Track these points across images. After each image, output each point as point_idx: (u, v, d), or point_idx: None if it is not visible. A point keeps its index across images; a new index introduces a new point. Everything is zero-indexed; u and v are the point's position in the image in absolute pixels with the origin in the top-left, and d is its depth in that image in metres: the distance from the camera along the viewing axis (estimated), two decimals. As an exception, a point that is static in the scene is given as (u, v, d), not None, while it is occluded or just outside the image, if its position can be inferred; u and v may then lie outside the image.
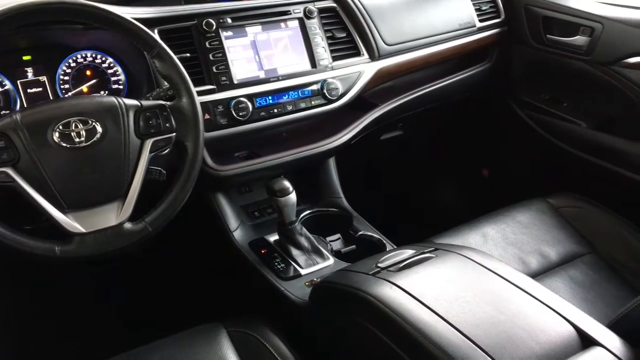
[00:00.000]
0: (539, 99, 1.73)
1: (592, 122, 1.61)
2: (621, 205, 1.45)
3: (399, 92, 1.59)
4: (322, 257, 1.30)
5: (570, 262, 1.36)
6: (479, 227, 1.42)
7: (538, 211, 1.49)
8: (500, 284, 0.99)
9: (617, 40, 1.49)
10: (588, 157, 1.59)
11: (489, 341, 0.86)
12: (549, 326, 0.90)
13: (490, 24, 1.67)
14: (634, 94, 1.50)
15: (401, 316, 0.91)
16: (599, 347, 0.86)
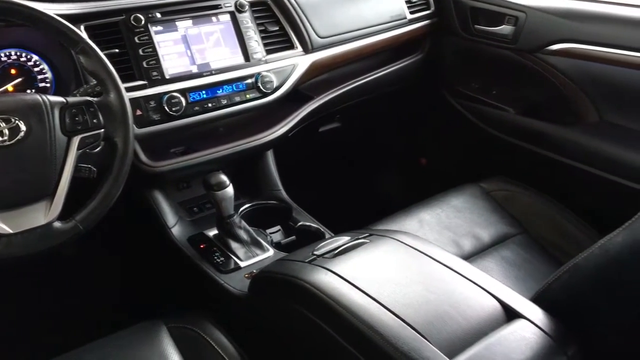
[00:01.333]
0: (470, 88, 1.78)
1: (519, 108, 1.68)
2: (549, 187, 1.52)
3: (335, 84, 1.62)
4: (262, 249, 1.31)
5: (502, 242, 1.41)
6: (415, 213, 1.46)
7: (471, 195, 1.54)
8: (431, 265, 1.03)
9: (540, 28, 1.55)
10: (517, 142, 1.66)
11: (419, 319, 0.89)
12: (476, 302, 0.94)
13: (420, 16, 1.71)
14: (557, 80, 1.57)
15: (335, 300, 0.93)
16: (523, 319, 0.91)
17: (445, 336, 0.87)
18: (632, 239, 0.82)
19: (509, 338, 0.87)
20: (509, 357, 0.84)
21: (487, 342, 0.86)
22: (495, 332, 0.88)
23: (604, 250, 0.86)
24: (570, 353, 0.87)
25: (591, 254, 0.88)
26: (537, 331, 0.88)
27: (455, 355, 0.84)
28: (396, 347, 0.84)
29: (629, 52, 1.38)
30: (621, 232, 0.84)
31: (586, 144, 1.49)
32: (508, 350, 0.84)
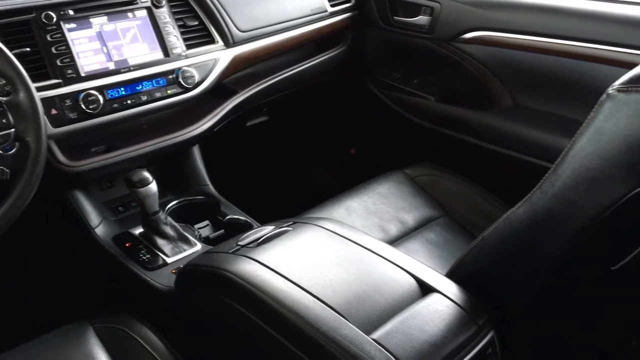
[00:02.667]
0: (392, 78, 1.83)
1: (439, 95, 1.74)
2: (469, 169, 1.58)
3: (260, 77, 1.63)
4: (189, 244, 1.31)
5: (426, 225, 1.46)
6: (343, 201, 1.49)
7: (396, 182, 1.58)
8: (351, 248, 1.06)
9: (454, 18, 1.61)
10: (438, 128, 1.72)
11: (338, 299, 0.92)
12: (393, 280, 0.98)
13: (341, 9, 1.74)
14: (473, 67, 1.63)
15: (258, 287, 0.95)
16: (436, 293, 0.95)
17: (363, 314, 0.90)
18: (531, 210, 0.87)
19: (423, 311, 0.91)
20: (422, 329, 0.87)
21: (403, 316, 0.90)
22: (411, 307, 0.92)
23: (508, 223, 0.91)
24: (480, 322, 0.92)
25: (496, 228, 0.93)
26: (450, 303, 0.93)
27: (372, 331, 0.87)
28: (316, 327, 0.87)
29: (537, 37, 1.46)
30: (522, 205, 0.89)
31: (501, 127, 1.57)
32: (422, 323, 0.88)
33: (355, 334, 0.86)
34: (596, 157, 0.79)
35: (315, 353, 0.87)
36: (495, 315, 0.94)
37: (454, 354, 0.87)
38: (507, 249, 0.92)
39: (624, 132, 0.75)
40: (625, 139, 0.75)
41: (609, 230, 0.83)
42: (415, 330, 0.87)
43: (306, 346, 0.88)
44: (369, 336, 0.86)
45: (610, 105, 0.77)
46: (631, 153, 0.75)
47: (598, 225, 0.80)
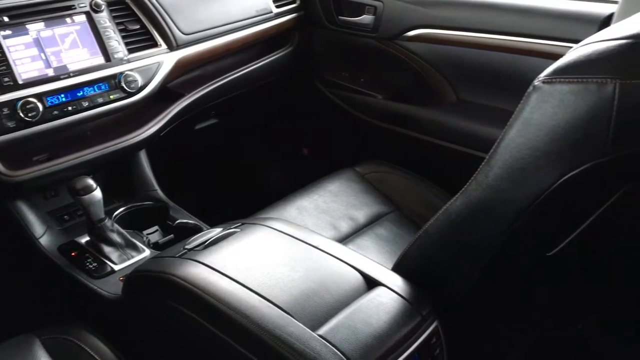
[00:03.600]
0: (340, 77, 1.85)
1: (387, 93, 1.76)
2: (417, 165, 1.61)
3: (206, 80, 1.62)
4: (137, 250, 1.29)
5: (377, 221, 1.48)
6: (294, 201, 1.50)
7: (346, 179, 1.60)
8: (298, 246, 1.07)
9: (397, 16, 1.64)
10: (387, 126, 1.74)
11: (284, 298, 0.93)
12: (339, 276, 0.99)
13: (286, 10, 1.75)
14: (417, 64, 1.66)
15: (204, 290, 0.95)
16: (382, 286, 0.97)
17: (309, 310, 0.91)
18: (468, 201, 0.89)
19: (368, 305, 0.92)
20: (367, 322, 0.89)
21: (348, 311, 0.91)
22: (356, 302, 0.93)
23: (447, 214, 0.93)
24: (424, 313, 0.94)
25: (436, 220, 0.95)
26: (394, 296, 0.95)
27: (318, 327, 0.88)
28: (262, 326, 0.87)
29: (475, 33, 1.50)
30: (459, 197, 0.91)
31: (446, 122, 1.60)
32: (367, 316, 0.90)
33: (301, 331, 0.86)
34: (525, 147, 0.81)
35: (262, 352, 0.87)
36: (439, 306, 0.96)
37: (399, 345, 0.88)
38: (447, 240, 0.94)
39: (550, 122, 0.78)
40: (551, 129, 0.78)
41: (541, 218, 0.86)
42: (361, 324, 0.88)
43: (253, 346, 0.88)
44: (315, 332, 0.87)
45: (536, 97, 0.79)
46: (557, 142, 0.78)
47: (530, 213, 0.83)
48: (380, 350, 0.86)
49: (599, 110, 0.74)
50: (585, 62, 0.75)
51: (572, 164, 0.78)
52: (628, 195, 1.04)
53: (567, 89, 0.75)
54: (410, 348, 0.89)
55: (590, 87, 0.74)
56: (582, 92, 0.74)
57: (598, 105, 0.73)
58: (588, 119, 0.75)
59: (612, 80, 0.72)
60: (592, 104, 0.74)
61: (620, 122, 0.73)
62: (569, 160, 0.78)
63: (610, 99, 0.72)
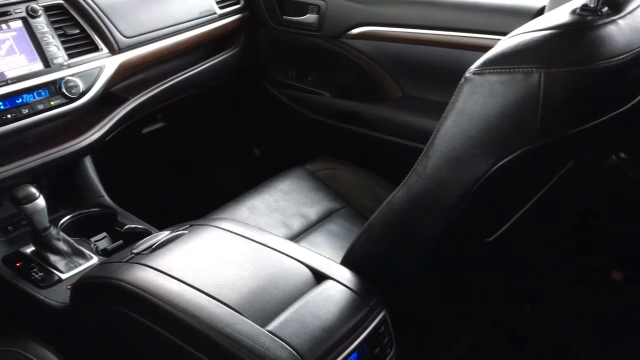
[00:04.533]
0: (287, 76, 1.86)
1: (334, 91, 1.78)
2: (366, 160, 1.64)
3: (152, 83, 1.60)
4: (85, 257, 1.27)
5: (328, 217, 1.49)
6: (245, 201, 1.50)
7: (297, 178, 1.61)
8: (247, 245, 1.07)
9: (340, 15, 1.66)
10: (335, 123, 1.76)
11: (233, 296, 0.93)
12: (288, 272, 1.00)
13: (230, 10, 1.75)
14: (362, 62, 1.69)
15: (151, 293, 0.95)
16: (330, 280, 0.99)
17: (259, 307, 0.92)
18: (409, 192, 0.92)
19: (317, 299, 0.94)
20: (316, 315, 0.90)
21: (297, 305, 0.92)
22: (305, 296, 0.95)
23: (390, 206, 0.95)
24: (372, 303, 0.96)
25: (380, 212, 0.97)
26: (342, 288, 0.96)
27: (268, 323, 0.89)
28: (211, 326, 0.88)
29: (416, 29, 1.53)
30: (401, 188, 0.94)
31: (393, 117, 1.63)
32: (315, 310, 0.91)
33: (250, 328, 0.87)
34: (460, 137, 0.84)
35: (213, 351, 0.87)
36: (386, 296, 0.98)
37: (348, 336, 0.90)
38: (391, 232, 0.96)
39: (481, 111, 0.81)
40: (483, 118, 0.81)
41: (479, 204, 0.88)
42: (310, 318, 0.90)
43: (203, 346, 0.88)
44: (264, 328, 0.88)
45: (468, 88, 0.82)
46: (490, 131, 0.81)
47: (468, 200, 0.86)
48: (329, 342, 0.88)
49: (526, 98, 0.77)
50: (512, 53, 0.78)
51: (504, 151, 0.81)
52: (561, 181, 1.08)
53: (496, 79, 0.78)
54: (359, 338, 0.91)
55: (517, 76, 0.77)
56: (510, 82, 0.77)
57: (525, 93, 0.77)
58: (517, 107, 0.78)
59: (537, 69, 0.75)
60: (519, 92, 0.77)
61: (546, 109, 0.76)
62: (501, 147, 0.81)
63: (536, 88, 0.76)
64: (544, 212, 1.17)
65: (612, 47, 0.78)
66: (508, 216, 0.99)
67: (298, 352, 0.84)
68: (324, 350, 0.86)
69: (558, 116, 0.78)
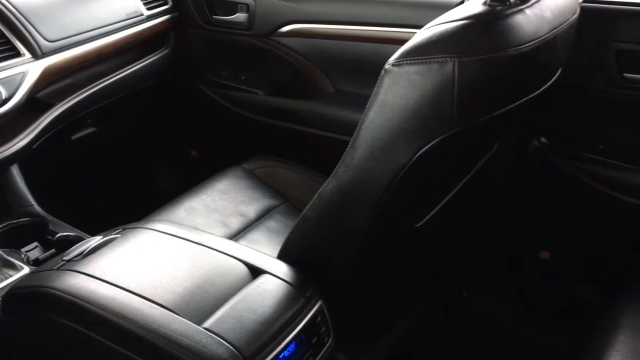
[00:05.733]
0: (221, 76, 1.86)
1: (267, 89, 1.79)
2: (303, 156, 1.65)
3: (80, 88, 1.56)
4: (16, 268, 1.24)
5: (267, 215, 1.50)
6: (182, 202, 1.48)
7: (234, 177, 1.61)
8: (182, 245, 1.07)
9: (269, 13, 1.67)
10: (271, 121, 1.77)
11: (168, 297, 0.93)
12: (224, 269, 1.00)
13: (158, 11, 1.72)
14: (294, 59, 1.70)
15: (84, 299, 0.93)
16: (266, 274, 1.00)
17: (195, 306, 0.92)
18: (338, 183, 0.94)
19: (253, 293, 0.95)
20: (252, 309, 0.91)
21: (234, 301, 0.93)
22: (241, 291, 0.95)
23: (321, 198, 0.97)
24: (308, 294, 0.98)
25: (312, 204, 0.99)
26: (278, 282, 0.98)
27: (204, 321, 0.89)
28: (146, 327, 0.87)
29: (344, 26, 1.56)
30: (331, 180, 0.96)
31: (326, 113, 1.65)
32: (252, 304, 0.92)
33: (186, 327, 0.87)
34: (383, 127, 0.87)
35: (149, 353, 0.87)
36: (322, 286, 1.00)
37: (284, 327, 0.91)
38: (323, 223, 0.98)
39: (402, 101, 0.84)
40: (403, 108, 0.84)
41: (405, 192, 0.91)
42: (246, 312, 0.90)
43: (140, 348, 0.88)
44: (200, 326, 0.88)
45: (388, 79, 0.85)
46: (410, 120, 0.84)
47: (394, 188, 0.88)
48: (266, 335, 0.89)
49: (442, 87, 0.80)
50: (427, 44, 0.81)
51: (425, 139, 0.84)
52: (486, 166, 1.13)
53: (414, 70, 0.81)
54: (296, 329, 0.93)
55: (432, 66, 0.80)
56: (427, 72, 0.80)
57: (441, 82, 0.80)
58: (434, 96, 0.81)
59: (451, 59, 0.79)
60: (436, 82, 0.80)
61: (461, 97, 0.80)
62: (422, 135, 0.84)
63: (451, 76, 0.79)
64: (471, 197, 1.22)
65: (520, 35, 0.82)
66: (435, 202, 1.02)
67: (235, 347, 0.85)
68: (261, 343, 0.87)
69: (473, 103, 0.82)
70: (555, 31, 0.89)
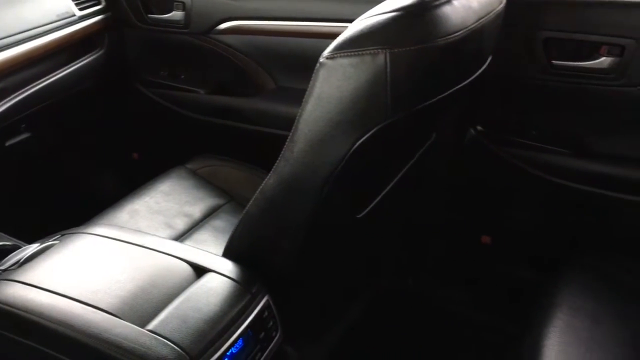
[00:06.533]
0: (159, 76, 1.83)
1: (208, 88, 1.77)
2: (247, 154, 1.64)
3: (9, 93, 1.51)
4: (-52, 282, 1.18)
5: (213, 214, 1.49)
6: (125, 205, 1.45)
7: (178, 178, 1.59)
8: (123, 249, 1.05)
9: (206, 10, 1.65)
10: (213, 120, 1.75)
11: (110, 301, 0.91)
12: (167, 270, 0.99)
13: (91, 12, 1.68)
14: (234, 56, 1.69)
15: (22, 308, 0.90)
16: (211, 272, 0.99)
17: (138, 308, 0.90)
18: (279, 178, 0.94)
19: (197, 292, 0.94)
20: (197, 308, 0.90)
21: (178, 301, 0.92)
22: (185, 291, 0.94)
23: (263, 193, 0.97)
24: (253, 290, 0.98)
25: (255, 200, 0.98)
26: (223, 279, 0.97)
27: (148, 323, 0.88)
28: (88, 333, 0.85)
29: (284, 22, 1.56)
30: (272, 175, 0.96)
31: (267, 109, 1.65)
32: (196, 303, 0.91)
33: (130, 330, 0.86)
34: (321, 120, 0.87)
35: (93, 359, 0.85)
36: (268, 281, 1.00)
37: (231, 324, 0.91)
38: (266, 218, 0.98)
39: (337, 94, 0.85)
40: (339, 100, 0.85)
41: (345, 184, 0.93)
42: (191, 312, 0.90)
43: (83, 354, 0.86)
44: (144, 328, 0.87)
45: (323, 72, 0.86)
46: (346, 112, 0.85)
47: (334, 180, 0.89)
48: (212, 333, 0.88)
49: (376, 78, 0.81)
50: (359, 36, 0.82)
51: (361, 130, 0.85)
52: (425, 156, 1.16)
53: (347, 62, 0.82)
54: (243, 325, 0.92)
55: (365, 58, 0.81)
56: (360, 64, 0.82)
57: (374, 74, 0.81)
58: (368, 87, 0.82)
59: (383, 50, 0.80)
60: (369, 73, 0.82)
61: (394, 87, 0.82)
62: (358, 127, 0.85)
63: (383, 68, 0.80)
64: (412, 187, 1.25)
65: (448, 25, 0.84)
66: (376, 193, 1.04)
67: (181, 347, 0.84)
68: (207, 342, 0.87)
69: (406, 93, 0.84)
70: (482, 20, 0.92)
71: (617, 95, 1.30)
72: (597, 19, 1.27)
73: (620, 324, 1.07)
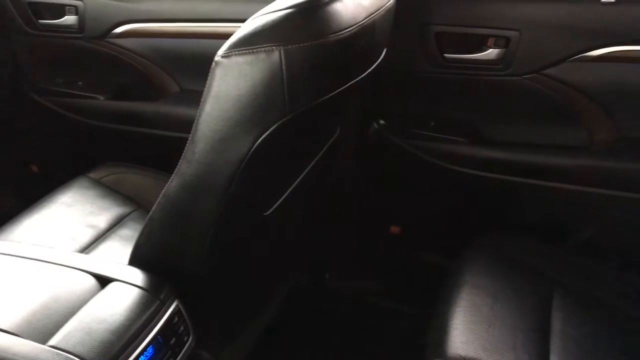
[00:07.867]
0: (55, 83, 1.75)
1: (108, 93, 1.72)
2: (152, 160, 1.60)
3: None
4: None
5: (120, 223, 1.44)
6: (23, 220, 1.38)
7: (80, 188, 1.53)
8: (20, 265, 1.00)
9: (101, 14, 1.60)
10: (115, 126, 1.70)
11: (8, 320, 0.86)
12: (69, 283, 0.95)
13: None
14: (133, 60, 1.65)
15: None
16: (115, 282, 0.96)
17: (38, 325, 0.86)
18: (182, 180, 0.93)
19: (101, 303, 0.91)
20: (101, 319, 0.87)
21: (81, 314, 0.89)
22: (89, 303, 0.91)
23: (166, 196, 0.95)
24: (162, 297, 0.96)
25: (158, 204, 0.96)
26: (129, 288, 0.95)
27: (49, 338, 0.84)
28: (-16, 355, 0.80)
29: (181, 23, 1.54)
30: (175, 177, 0.94)
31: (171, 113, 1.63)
32: (100, 314, 0.88)
33: (30, 348, 0.82)
34: (220, 119, 0.87)
35: (-10, 382, 0.80)
36: (177, 285, 0.99)
37: (139, 333, 0.89)
38: (171, 221, 0.96)
39: (235, 92, 0.85)
40: (237, 99, 0.85)
41: (249, 182, 0.93)
42: (95, 323, 0.87)
43: (-21, 379, 0.81)
44: (45, 344, 0.83)
45: (219, 71, 0.85)
46: (245, 110, 0.85)
47: (238, 179, 0.89)
48: (119, 343, 0.86)
49: (272, 75, 0.82)
50: (253, 34, 0.83)
51: (262, 127, 0.86)
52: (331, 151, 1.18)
53: (243, 60, 0.83)
54: (152, 333, 0.90)
55: (260, 56, 0.82)
56: (255, 62, 0.82)
57: (270, 71, 0.82)
58: (265, 84, 0.83)
59: (277, 48, 0.81)
60: (265, 70, 0.82)
61: (291, 84, 0.83)
62: (258, 124, 0.86)
63: (278, 65, 0.81)
64: (319, 182, 1.27)
65: (339, 21, 0.86)
66: (282, 190, 1.05)
67: (86, 360, 0.81)
68: (114, 352, 0.84)
69: (302, 89, 0.85)
70: (372, 16, 0.95)
71: (505, 85, 1.38)
72: (483, 13, 1.34)
73: (517, 299, 1.14)
